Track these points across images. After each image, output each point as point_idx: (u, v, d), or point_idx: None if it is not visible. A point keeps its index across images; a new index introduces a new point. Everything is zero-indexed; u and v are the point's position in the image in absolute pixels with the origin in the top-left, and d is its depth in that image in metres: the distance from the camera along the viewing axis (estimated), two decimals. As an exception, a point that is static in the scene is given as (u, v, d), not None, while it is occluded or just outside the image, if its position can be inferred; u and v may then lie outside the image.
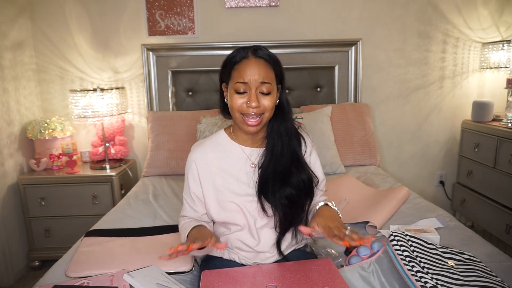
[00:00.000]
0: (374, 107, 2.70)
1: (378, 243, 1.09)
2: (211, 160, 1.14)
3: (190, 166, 1.15)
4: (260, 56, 1.05)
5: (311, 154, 1.19)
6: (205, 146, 1.16)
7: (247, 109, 1.04)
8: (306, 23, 2.58)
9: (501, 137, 2.28)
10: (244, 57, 1.04)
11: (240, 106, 1.05)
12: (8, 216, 2.24)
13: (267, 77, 1.04)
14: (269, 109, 1.06)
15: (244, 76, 1.02)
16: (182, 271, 1.22)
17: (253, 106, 1.03)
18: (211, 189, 1.13)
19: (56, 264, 1.29)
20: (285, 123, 1.12)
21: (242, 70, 1.03)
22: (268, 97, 1.05)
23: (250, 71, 1.02)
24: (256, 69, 1.03)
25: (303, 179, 1.11)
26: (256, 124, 1.06)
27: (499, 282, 0.95)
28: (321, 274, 1.00)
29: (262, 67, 1.04)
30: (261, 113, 1.05)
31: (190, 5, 2.51)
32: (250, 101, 1.02)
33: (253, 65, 1.03)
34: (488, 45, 2.54)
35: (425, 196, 2.78)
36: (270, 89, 1.05)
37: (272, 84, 1.05)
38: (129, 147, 2.68)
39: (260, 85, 1.03)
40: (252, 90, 1.03)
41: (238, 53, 1.06)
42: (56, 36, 2.53)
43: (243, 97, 1.04)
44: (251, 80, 1.02)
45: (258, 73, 1.02)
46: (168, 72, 2.54)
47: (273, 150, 1.11)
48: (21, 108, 2.40)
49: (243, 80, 1.03)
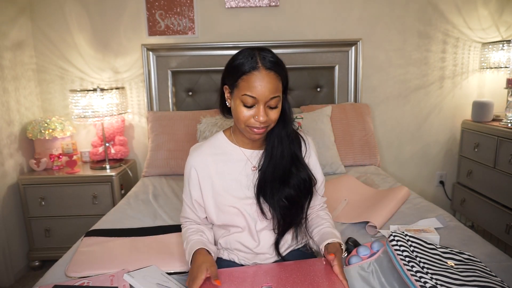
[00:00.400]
0: (374, 107, 2.70)
1: (378, 243, 1.09)
2: (210, 164, 1.13)
3: (189, 172, 1.13)
4: (269, 68, 1.00)
5: (310, 155, 1.19)
6: (203, 149, 1.14)
7: (254, 123, 1.02)
8: (306, 23, 2.58)
9: (501, 137, 2.28)
10: (253, 68, 0.99)
11: (247, 120, 1.03)
12: (8, 216, 2.25)
13: (276, 90, 1.01)
14: (274, 121, 1.05)
15: (254, 90, 0.99)
16: (182, 271, 1.22)
17: (261, 121, 1.01)
18: (210, 193, 1.13)
19: (56, 264, 1.29)
20: (286, 127, 1.12)
21: (251, 83, 0.99)
22: (275, 110, 1.04)
23: (260, 87, 0.98)
24: (267, 83, 0.99)
25: (304, 178, 1.12)
26: (261, 133, 1.06)
27: (499, 282, 0.95)
28: (318, 274, 1.00)
29: (272, 81, 1.00)
30: (267, 126, 1.05)
31: (190, 5, 2.51)
32: (259, 116, 1.01)
33: (264, 79, 0.98)
34: (488, 45, 2.54)
35: (425, 196, 2.78)
36: (278, 103, 1.04)
37: (280, 97, 1.04)
38: (129, 147, 2.68)
39: (269, 100, 1.01)
40: (261, 105, 1.00)
41: (246, 60, 1.00)
42: (56, 36, 2.53)
43: (250, 110, 1.01)
44: (260, 95, 0.99)
45: (268, 89, 0.99)
46: (168, 72, 2.54)
47: (272, 152, 1.11)
48: (21, 108, 2.40)
49: (252, 94, 0.99)
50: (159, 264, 1.23)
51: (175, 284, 1.11)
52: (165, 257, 1.28)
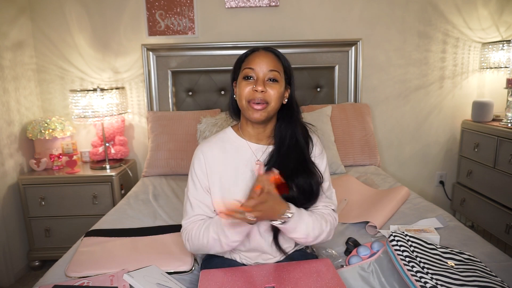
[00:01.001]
0: (374, 107, 2.70)
1: (378, 243, 1.09)
2: (218, 156, 1.13)
3: (197, 157, 1.14)
4: (270, 50, 1.11)
5: (316, 156, 1.16)
6: (211, 140, 1.17)
7: (253, 94, 1.05)
8: (306, 23, 2.58)
9: (501, 137, 2.28)
10: (253, 51, 1.11)
11: (247, 93, 1.06)
12: (8, 216, 2.25)
13: (275, 66, 1.08)
14: (274, 98, 1.07)
15: (253, 63, 1.07)
16: (182, 270, 1.22)
17: (259, 90, 1.05)
18: (217, 186, 1.11)
19: (56, 264, 1.29)
20: (293, 123, 1.12)
21: (251, 59, 1.09)
22: (275, 85, 1.07)
23: (259, 59, 1.07)
24: (265, 58, 1.07)
25: (309, 182, 1.09)
26: (261, 109, 1.06)
27: (499, 282, 0.95)
28: (319, 275, 1.00)
29: (271, 57, 1.08)
30: (266, 101, 1.06)
31: (190, 5, 2.51)
32: (257, 85, 1.05)
33: (262, 55, 1.08)
34: (488, 45, 2.54)
35: (425, 196, 2.78)
36: (277, 76, 1.08)
37: (280, 73, 1.08)
38: (129, 147, 2.68)
39: (268, 72, 1.07)
40: (260, 76, 1.07)
41: (249, 51, 1.13)
42: (56, 36, 2.53)
43: (250, 83, 1.07)
44: (259, 67, 1.06)
45: (266, 62, 1.07)
46: (168, 72, 2.54)
47: (279, 149, 1.11)
48: (21, 108, 2.40)
49: (251, 66, 1.07)
50: (159, 264, 1.23)
51: (175, 284, 1.11)
52: (165, 257, 1.28)
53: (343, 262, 1.19)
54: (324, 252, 1.29)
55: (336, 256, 1.26)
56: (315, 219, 1.07)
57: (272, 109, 1.08)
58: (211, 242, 1.05)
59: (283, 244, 1.12)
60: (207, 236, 1.05)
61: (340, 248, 1.33)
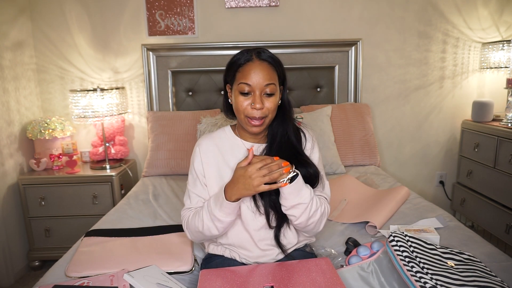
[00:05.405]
0: (374, 107, 2.70)
1: (378, 243, 1.09)
2: (213, 151, 1.17)
3: (195, 151, 1.19)
4: (264, 59, 1.07)
5: (311, 149, 1.18)
6: (208, 139, 1.19)
7: (251, 111, 1.06)
8: (306, 23, 2.58)
9: (501, 137, 2.28)
10: (248, 60, 1.07)
11: (245, 108, 1.07)
12: (8, 216, 2.25)
13: (271, 78, 1.07)
14: (271, 110, 1.08)
15: (249, 78, 1.05)
16: (182, 270, 1.22)
17: (258, 107, 1.05)
18: (214, 181, 1.14)
19: (56, 264, 1.29)
20: (286, 122, 1.14)
21: (246, 72, 1.06)
22: (271, 98, 1.07)
23: (254, 73, 1.05)
24: (260, 71, 1.05)
25: (306, 169, 1.09)
26: (259, 124, 1.08)
27: (499, 282, 0.95)
28: (318, 274, 1.00)
29: (266, 69, 1.06)
30: (264, 116, 1.08)
31: (190, 5, 2.51)
32: (255, 103, 1.05)
33: (257, 67, 1.06)
34: (488, 45, 2.54)
35: (425, 196, 2.78)
36: (273, 90, 1.07)
37: (275, 85, 1.08)
38: (129, 147, 2.68)
39: (264, 87, 1.06)
40: (256, 92, 1.05)
41: (242, 55, 1.09)
42: (56, 36, 2.53)
43: (247, 98, 1.07)
44: (255, 82, 1.05)
45: (262, 76, 1.05)
46: (168, 72, 2.54)
47: (271, 146, 1.13)
48: (21, 108, 2.40)
49: (247, 81, 1.05)
50: (159, 264, 1.23)
51: (175, 284, 1.11)
52: (165, 257, 1.28)
53: (343, 262, 1.19)
54: (323, 251, 1.29)
55: (335, 255, 1.26)
56: (312, 191, 1.07)
57: (269, 120, 1.10)
58: (205, 222, 1.07)
59: (283, 241, 1.13)
60: (201, 219, 1.08)
61: (340, 248, 1.33)
